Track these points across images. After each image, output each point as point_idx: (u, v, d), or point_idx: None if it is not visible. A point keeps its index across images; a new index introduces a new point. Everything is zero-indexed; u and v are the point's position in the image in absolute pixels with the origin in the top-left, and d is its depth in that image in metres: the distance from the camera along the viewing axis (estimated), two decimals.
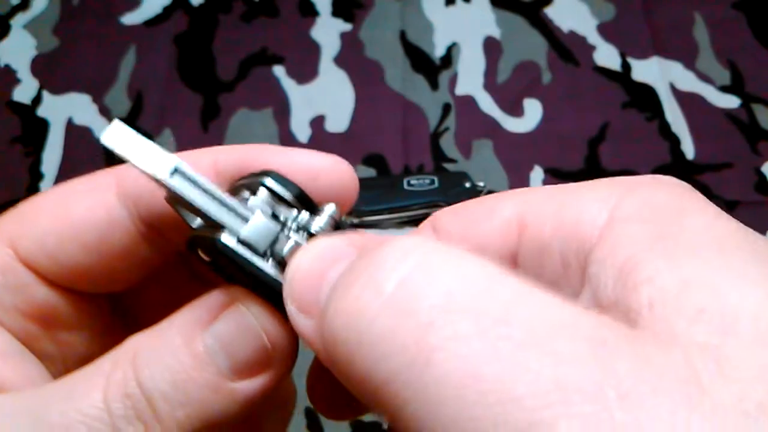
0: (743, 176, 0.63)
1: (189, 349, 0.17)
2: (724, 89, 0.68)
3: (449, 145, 0.66)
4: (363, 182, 0.20)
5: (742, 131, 0.66)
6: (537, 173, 0.64)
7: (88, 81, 0.72)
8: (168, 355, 0.17)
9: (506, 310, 0.13)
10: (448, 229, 0.19)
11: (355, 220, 0.59)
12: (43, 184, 0.66)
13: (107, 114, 0.70)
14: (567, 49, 0.71)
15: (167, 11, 0.76)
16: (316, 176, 0.19)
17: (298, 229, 0.17)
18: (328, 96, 0.69)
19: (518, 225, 0.17)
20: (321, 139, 0.67)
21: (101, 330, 0.21)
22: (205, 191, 0.17)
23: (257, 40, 0.73)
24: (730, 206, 0.62)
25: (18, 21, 0.77)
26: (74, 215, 0.19)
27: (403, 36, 0.72)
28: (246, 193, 0.18)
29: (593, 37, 0.71)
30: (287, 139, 0.67)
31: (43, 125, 0.70)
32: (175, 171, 0.16)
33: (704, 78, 0.68)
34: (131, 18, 0.76)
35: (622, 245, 0.15)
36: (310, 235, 0.17)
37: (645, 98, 0.68)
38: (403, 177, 0.62)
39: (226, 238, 0.16)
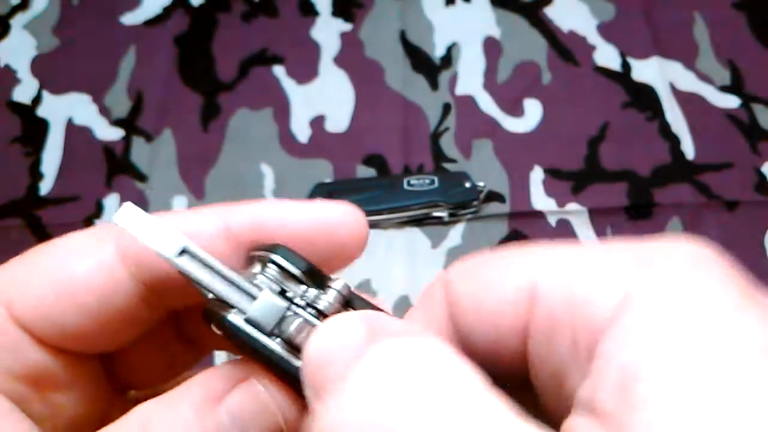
0: (743, 176, 0.63)
1: (201, 426, 0.16)
2: (724, 89, 0.68)
3: (449, 145, 0.66)
4: (363, 182, 0.19)
5: (742, 131, 0.66)
6: (537, 173, 0.64)
7: (88, 81, 0.72)
8: (180, 429, 0.16)
9: None
10: (460, 292, 0.17)
11: None
12: (43, 184, 0.66)
13: (107, 114, 0.70)
14: (567, 49, 0.71)
15: (167, 11, 0.76)
16: (332, 232, 0.19)
17: (306, 305, 0.17)
18: (328, 96, 0.69)
19: (530, 296, 0.16)
20: (321, 139, 0.67)
21: (92, 390, 0.21)
22: (213, 270, 0.17)
23: (257, 40, 0.73)
24: (730, 206, 0.62)
25: (18, 21, 0.77)
26: (74, 277, 0.19)
27: (403, 36, 0.72)
28: (257, 267, 0.18)
29: (593, 37, 0.71)
30: (287, 139, 0.67)
31: (43, 125, 0.70)
32: (183, 251, 0.17)
33: (704, 78, 0.68)
34: (131, 18, 0.76)
35: (627, 344, 0.14)
36: (318, 312, 0.17)
37: (645, 98, 0.68)
38: (403, 177, 0.62)
39: (234, 317, 0.16)
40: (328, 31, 0.73)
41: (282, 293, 0.17)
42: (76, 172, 0.67)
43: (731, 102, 0.67)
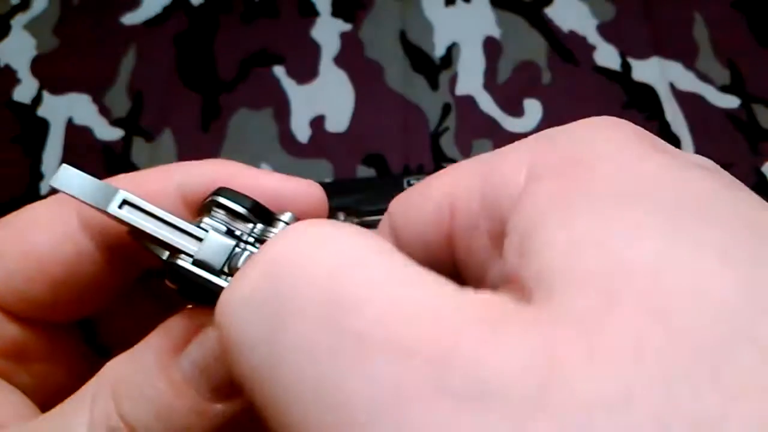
0: (743, 176, 0.63)
1: (166, 377, 0.16)
2: (724, 89, 0.68)
3: (449, 144, 0.66)
4: (363, 182, 0.20)
5: (742, 131, 0.66)
6: None
7: (88, 81, 0.72)
8: (147, 384, 0.16)
9: (363, 296, 0.11)
10: (395, 218, 0.18)
11: (356, 220, 0.59)
12: (44, 184, 0.66)
13: (107, 114, 0.70)
14: (567, 49, 0.71)
15: (167, 11, 0.76)
16: (283, 201, 0.19)
17: (255, 241, 0.17)
18: (328, 96, 0.69)
19: (449, 206, 0.16)
20: (321, 139, 0.67)
21: (75, 358, 0.21)
22: (157, 218, 0.17)
23: (257, 40, 0.73)
24: None
25: (18, 21, 0.77)
26: (40, 251, 0.19)
27: (403, 36, 0.72)
28: (205, 215, 0.18)
29: (593, 37, 0.71)
30: (287, 138, 0.67)
31: (43, 125, 0.70)
32: (124, 203, 0.17)
33: (704, 78, 0.68)
34: (131, 18, 0.76)
35: (527, 209, 0.13)
36: None
37: (645, 98, 0.68)
38: (403, 177, 0.62)
39: (182, 261, 0.16)
40: (328, 31, 0.73)
41: (229, 233, 0.17)
42: None
43: (731, 102, 0.67)
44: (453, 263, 0.17)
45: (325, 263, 0.12)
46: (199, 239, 0.17)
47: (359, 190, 0.62)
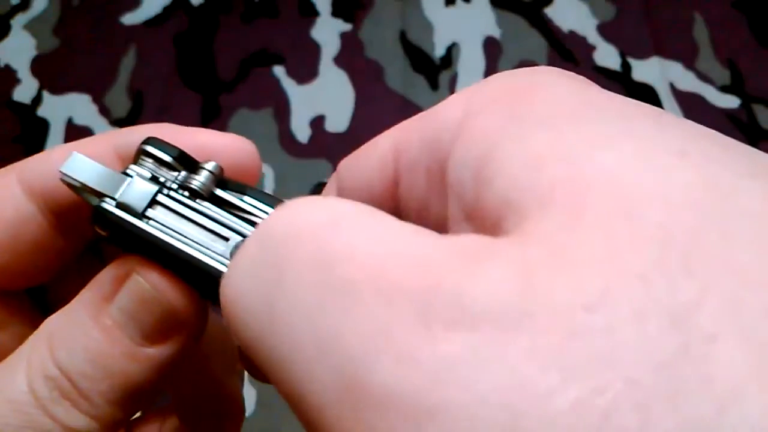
0: None
1: (98, 325, 0.17)
2: (723, 89, 0.68)
3: None
4: None
5: (742, 131, 0.66)
6: None
7: (88, 81, 0.72)
8: (80, 333, 0.17)
9: (341, 251, 0.12)
10: (342, 174, 0.18)
11: None
12: None
13: (107, 114, 0.70)
14: (567, 49, 0.71)
15: (167, 11, 0.76)
16: (216, 154, 0.19)
17: (179, 187, 0.17)
18: (328, 96, 0.70)
19: (393, 155, 0.17)
20: (321, 139, 0.67)
21: (28, 327, 0.21)
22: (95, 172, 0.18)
23: (257, 40, 0.73)
24: None
25: (18, 21, 0.77)
26: None
27: (403, 36, 0.73)
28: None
29: (593, 37, 0.71)
30: (287, 138, 0.67)
31: (43, 125, 0.70)
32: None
33: (704, 78, 0.68)
34: (131, 18, 0.76)
35: (475, 139, 0.13)
36: (192, 192, 0.17)
37: (645, 98, 0.68)
38: None
39: (105, 204, 0.17)
40: (328, 31, 0.73)
41: (154, 179, 0.17)
42: None
43: (731, 102, 0.67)
44: (396, 210, 0.17)
45: (313, 223, 0.13)
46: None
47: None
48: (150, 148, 0.18)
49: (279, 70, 0.71)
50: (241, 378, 0.25)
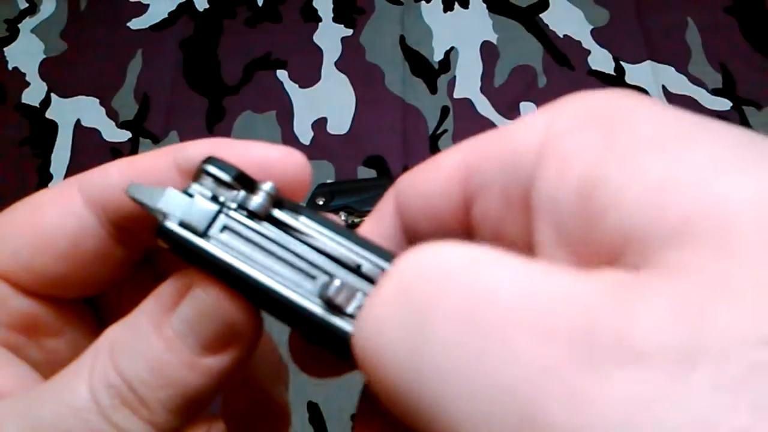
0: None
1: (159, 335, 0.18)
2: (715, 92, 0.69)
3: (448, 146, 0.66)
4: (364, 183, 0.21)
5: None
6: None
7: (95, 84, 0.73)
8: (141, 342, 0.18)
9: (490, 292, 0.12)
10: (404, 191, 0.19)
11: (357, 220, 0.60)
12: (52, 185, 0.67)
13: (115, 116, 0.71)
14: (562, 53, 0.72)
15: (173, 16, 0.77)
16: (269, 167, 0.20)
17: (238, 207, 0.18)
18: (329, 99, 0.71)
19: (463, 175, 0.17)
20: (323, 141, 0.68)
21: (84, 335, 0.22)
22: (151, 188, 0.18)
23: (261, 45, 0.74)
24: None
25: (26, 25, 0.78)
26: (45, 226, 0.20)
27: (402, 41, 0.74)
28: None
29: (588, 42, 0.73)
30: (290, 140, 0.68)
31: (52, 127, 0.71)
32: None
33: (696, 81, 0.70)
34: (138, 23, 0.77)
35: (570, 162, 0.13)
36: (249, 212, 0.18)
37: None
38: None
39: (169, 223, 0.18)
40: (329, 36, 0.75)
41: (214, 199, 0.18)
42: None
43: (723, 105, 0.68)
44: (464, 231, 0.17)
45: (452, 268, 0.13)
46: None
47: (360, 190, 0.63)
48: (210, 168, 0.18)
49: (282, 74, 0.73)
50: (287, 387, 0.26)
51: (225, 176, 0.18)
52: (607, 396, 0.10)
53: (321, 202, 0.61)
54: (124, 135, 0.70)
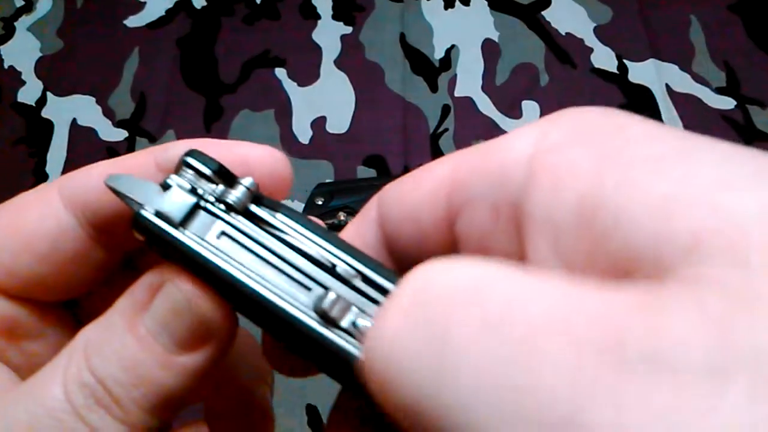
0: None
1: (132, 333, 0.18)
2: (719, 91, 0.68)
3: (448, 145, 0.67)
4: (363, 182, 0.20)
5: (738, 132, 0.66)
6: None
7: (92, 83, 0.73)
8: (115, 341, 0.17)
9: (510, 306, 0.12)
10: (387, 201, 0.18)
11: None
12: None
13: (111, 115, 0.71)
14: (564, 51, 0.72)
15: (170, 14, 0.77)
16: (250, 165, 0.20)
17: (216, 200, 0.18)
18: (329, 98, 0.70)
19: (450, 184, 0.17)
20: (322, 140, 0.68)
21: (64, 338, 0.22)
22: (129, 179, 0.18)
23: (259, 42, 0.74)
24: None
25: (22, 23, 0.78)
26: (25, 228, 0.20)
27: (402, 39, 0.73)
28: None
29: (590, 40, 0.72)
30: (289, 139, 0.68)
31: (48, 126, 0.71)
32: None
33: (700, 80, 0.69)
34: (135, 21, 0.77)
35: (565, 178, 0.13)
36: (228, 206, 0.18)
37: (641, 100, 0.68)
38: None
39: (145, 212, 0.17)
40: (329, 34, 0.74)
41: (193, 191, 0.18)
42: None
43: (727, 103, 0.68)
44: (446, 243, 0.17)
45: (472, 282, 0.12)
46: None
47: (359, 190, 0.63)
48: (191, 160, 0.18)
49: (281, 73, 0.72)
50: (270, 388, 0.25)
51: (205, 169, 0.18)
52: (645, 409, 0.10)
53: (320, 202, 0.61)
54: (121, 134, 0.69)
